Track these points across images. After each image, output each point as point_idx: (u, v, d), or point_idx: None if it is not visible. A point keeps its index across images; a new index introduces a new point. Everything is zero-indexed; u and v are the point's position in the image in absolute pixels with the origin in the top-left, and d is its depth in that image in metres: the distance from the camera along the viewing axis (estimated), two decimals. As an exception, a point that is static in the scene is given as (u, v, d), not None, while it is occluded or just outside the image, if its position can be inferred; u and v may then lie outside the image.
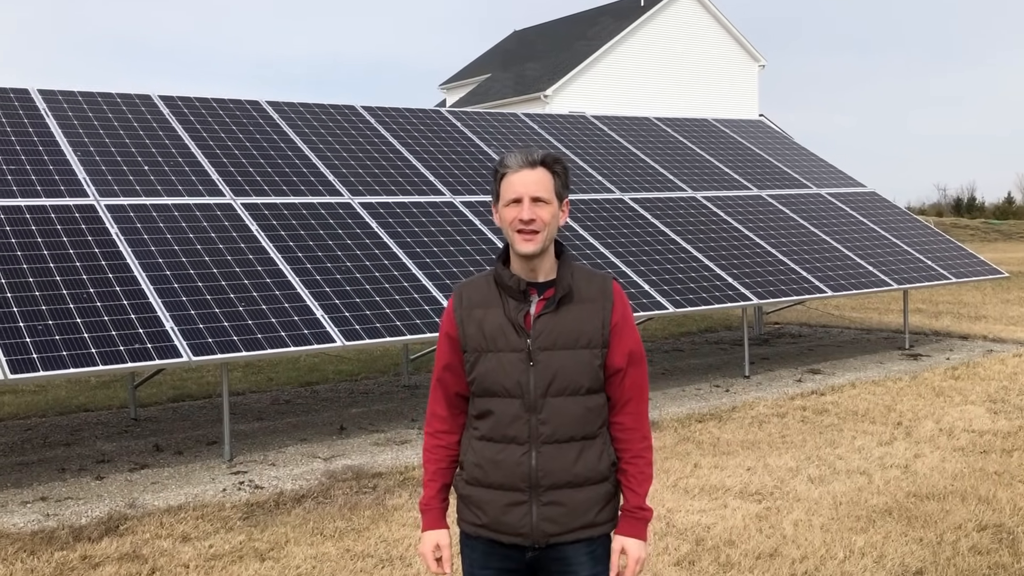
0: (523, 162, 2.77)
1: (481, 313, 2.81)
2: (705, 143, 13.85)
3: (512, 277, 2.79)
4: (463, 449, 2.89)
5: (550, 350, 2.76)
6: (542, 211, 2.75)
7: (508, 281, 2.79)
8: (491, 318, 2.80)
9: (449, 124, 12.06)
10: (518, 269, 2.82)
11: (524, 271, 2.81)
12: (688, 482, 6.67)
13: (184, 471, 7.32)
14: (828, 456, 7.32)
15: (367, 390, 10.46)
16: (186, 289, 7.69)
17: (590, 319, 2.80)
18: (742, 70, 37.62)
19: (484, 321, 2.80)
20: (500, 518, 2.78)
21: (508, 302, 2.80)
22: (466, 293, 2.87)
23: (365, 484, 6.84)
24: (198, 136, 9.97)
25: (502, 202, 2.79)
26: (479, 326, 2.80)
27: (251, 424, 8.89)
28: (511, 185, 2.77)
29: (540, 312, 2.79)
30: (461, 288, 2.89)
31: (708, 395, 9.71)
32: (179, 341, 7.13)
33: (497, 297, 2.82)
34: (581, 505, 2.78)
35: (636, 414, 2.87)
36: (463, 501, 2.87)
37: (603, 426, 2.84)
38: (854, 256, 11.66)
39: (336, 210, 9.42)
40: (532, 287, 2.81)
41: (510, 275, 2.80)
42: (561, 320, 2.78)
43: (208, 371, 11.60)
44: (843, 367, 11.10)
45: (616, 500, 2.87)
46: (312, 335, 7.61)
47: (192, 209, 8.75)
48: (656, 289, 9.65)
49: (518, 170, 2.77)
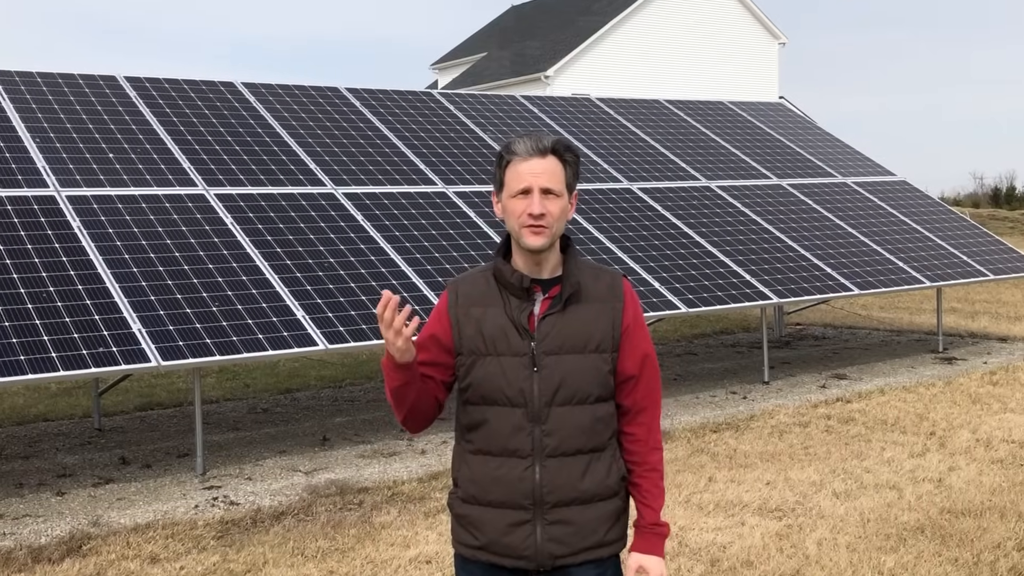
0: (532, 149, 2.73)
1: (480, 312, 2.78)
2: (720, 128, 13.85)
3: (514, 273, 2.76)
4: (455, 464, 2.86)
5: (556, 354, 2.75)
6: (552, 204, 2.72)
7: (510, 277, 2.76)
8: (491, 318, 2.77)
9: (441, 107, 12.06)
10: (521, 264, 2.78)
11: (528, 266, 2.78)
12: (702, 497, 6.68)
13: (153, 486, 7.31)
14: (855, 469, 7.32)
15: (352, 397, 10.46)
16: (155, 288, 7.69)
17: (599, 320, 2.78)
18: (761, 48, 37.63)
19: (483, 321, 2.77)
20: (501, 539, 2.76)
21: (509, 300, 2.77)
22: (462, 290, 2.83)
23: (350, 500, 6.83)
24: (168, 121, 9.96)
25: (507, 192, 2.75)
26: (478, 327, 2.77)
27: (226, 435, 8.89)
28: (519, 175, 2.72)
29: (545, 312, 2.76)
30: (456, 284, 2.85)
31: (724, 403, 9.72)
32: (147, 344, 7.13)
33: (497, 295, 2.79)
34: (589, 523, 2.77)
35: (649, 424, 2.86)
36: (459, 521, 2.84)
37: (612, 437, 2.83)
38: (883, 251, 11.66)
39: (318, 201, 9.42)
40: (536, 284, 2.78)
41: (512, 271, 2.77)
42: (568, 321, 2.76)
43: (179, 377, 11.60)
44: (871, 372, 11.11)
45: (626, 517, 2.87)
46: (292, 337, 7.60)
47: (161, 200, 8.75)
48: (667, 287, 9.66)
49: (527, 158, 2.73)
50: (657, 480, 2.86)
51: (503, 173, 2.77)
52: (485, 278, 2.83)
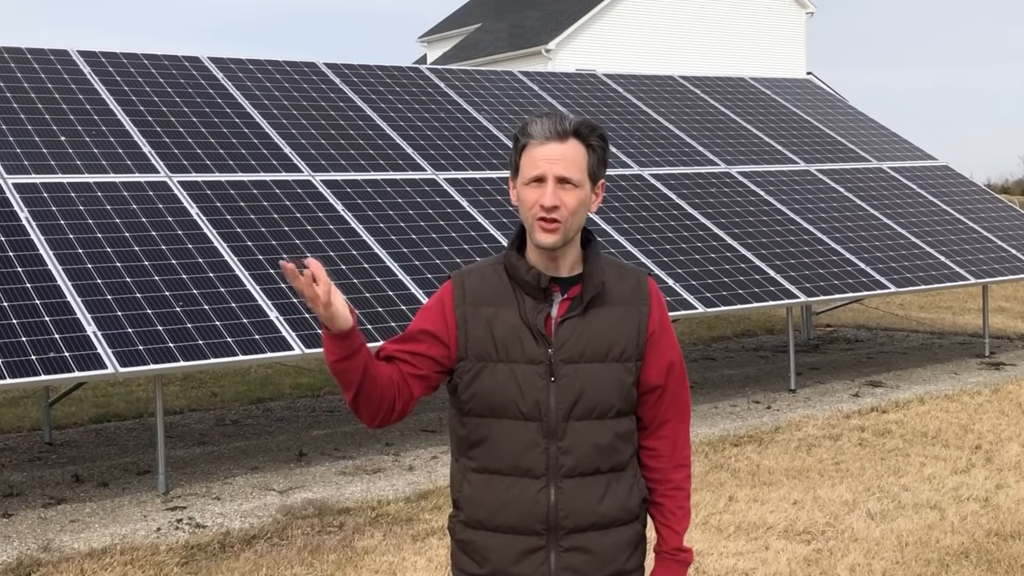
0: (550, 131, 2.68)
1: (491, 312, 2.74)
2: (742, 107, 13.85)
3: (530, 270, 2.72)
4: (456, 484, 2.83)
5: (576, 363, 2.72)
6: (569, 196, 2.67)
7: (526, 275, 2.72)
8: (503, 320, 2.73)
9: (431, 85, 12.06)
10: (536, 260, 2.74)
11: (543, 263, 2.74)
12: (722, 519, 6.68)
13: (110, 506, 7.31)
14: (891, 487, 7.32)
15: (332, 408, 10.46)
16: (111, 286, 7.68)
17: (623, 325, 2.76)
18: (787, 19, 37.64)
19: (495, 323, 2.73)
20: (510, 568, 2.74)
21: (524, 301, 2.74)
22: (471, 284, 2.78)
23: (329, 522, 6.83)
24: (126, 100, 9.96)
25: (521, 179, 2.71)
26: (488, 328, 2.73)
27: (191, 449, 8.89)
28: (533, 160, 2.68)
29: (564, 315, 2.73)
30: (463, 277, 2.80)
31: (746, 413, 9.72)
32: (103, 349, 7.12)
33: (511, 293, 2.75)
34: (608, 550, 2.75)
35: (674, 438, 2.85)
36: (461, 547, 2.82)
37: (633, 455, 2.82)
38: (923, 244, 11.67)
39: (293, 189, 9.41)
40: (554, 283, 2.74)
41: (527, 267, 2.73)
42: (589, 326, 2.74)
43: (138, 385, 11.60)
44: (909, 379, 11.11)
45: (646, 542, 2.86)
46: (265, 341, 7.60)
47: (119, 189, 8.74)
48: (683, 285, 9.66)
49: (543, 142, 2.68)
50: (682, 500, 2.84)
51: (518, 157, 2.72)
52: (496, 273, 2.78)
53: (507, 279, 2.77)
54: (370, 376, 2.70)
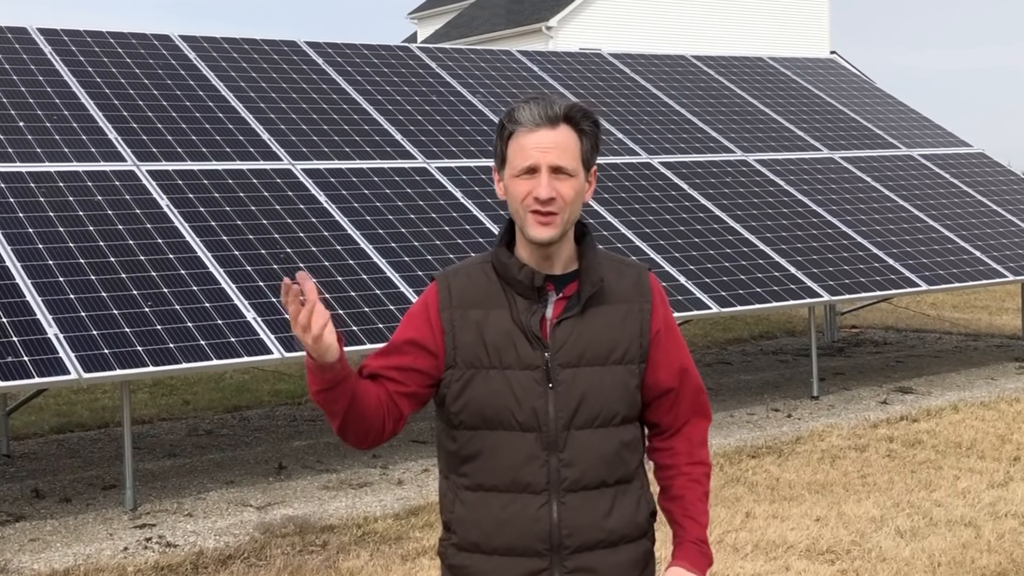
0: (540, 117, 2.68)
1: (480, 315, 2.74)
2: (760, 89, 13.86)
3: (522, 268, 2.73)
4: (447, 504, 2.82)
5: (575, 367, 2.73)
6: (564, 186, 2.68)
7: (517, 274, 2.72)
8: (494, 323, 2.73)
9: (421, 65, 12.05)
10: (528, 257, 2.75)
11: (536, 260, 2.74)
12: (738, 537, 6.68)
13: (73, 524, 7.30)
14: (923, 502, 7.33)
15: (314, 417, 10.46)
16: (75, 285, 7.68)
17: (625, 325, 2.77)
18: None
19: (485, 326, 2.73)
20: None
21: (516, 301, 2.74)
22: (457, 285, 2.78)
23: (311, 541, 6.83)
24: (91, 83, 9.95)
25: (510, 170, 2.71)
26: (478, 333, 2.73)
27: (161, 462, 8.88)
28: (523, 149, 2.68)
29: (560, 316, 2.74)
30: (448, 277, 2.80)
31: (764, 422, 9.73)
32: (65, 352, 7.12)
33: (501, 294, 2.75)
34: (616, 570, 2.76)
35: (692, 437, 2.87)
36: (454, 573, 2.81)
37: (640, 466, 2.82)
38: (956, 238, 11.67)
39: (272, 179, 9.41)
40: (548, 282, 2.75)
41: (519, 265, 2.73)
42: (588, 326, 2.74)
43: (104, 392, 11.59)
44: (942, 384, 11.12)
45: (655, 561, 2.87)
46: (241, 344, 7.60)
47: (82, 178, 8.73)
48: (696, 283, 9.66)
49: (533, 129, 2.68)
50: (703, 496, 2.84)
51: (505, 146, 2.72)
52: (483, 272, 2.79)
53: (496, 279, 2.77)
54: (357, 402, 2.68)
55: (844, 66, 15.82)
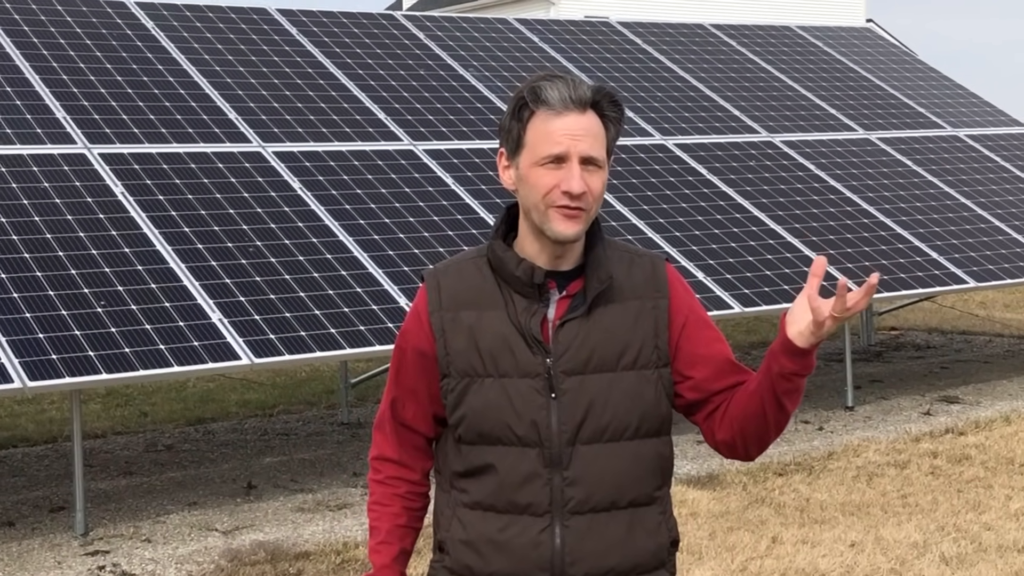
0: (570, 99, 2.65)
1: (473, 317, 2.74)
2: (787, 63, 13.85)
3: (521, 264, 2.71)
4: (443, 522, 2.83)
5: (580, 374, 2.72)
6: (594, 179, 2.67)
7: (515, 269, 2.71)
8: (489, 325, 2.73)
9: (407, 35, 12.04)
10: (532, 252, 2.73)
11: (548, 257, 2.72)
12: (763, 564, 6.67)
13: (17, 551, 7.29)
14: (970, 525, 7.32)
15: (287, 430, 10.45)
16: (18, 282, 7.66)
17: (637, 325, 2.75)
18: (841, -45, 37.64)
19: (479, 330, 2.73)
20: None
21: (514, 300, 2.73)
22: (447, 284, 2.78)
23: (284, 570, 6.82)
24: (36, 55, 9.92)
25: (530, 156, 2.67)
26: (471, 337, 2.73)
27: (116, 481, 8.88)
28: (550, 135, 2.65)
29: (563, 316, 2.73)
30: (438, 275, 2.80)
31: (792, 436, 9.72)
32: (8, 359, 7.10)
33: (496, 292, 2.74)
34: None
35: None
36: None
37: (662, 487, 2.81)
38: (1008, 229, 11.66)
39: (240, 163, 9.40)
40: (550, 278, 2.73)
41: (517, 260, 2.72)
42: (595, 328, 2.73)
43: (51, 402, 11.58)
44: (992, 393, 11.11)
45: None
46: (205, 348, 7.58)
47: (27, 163, 8.71)
48: (716, 280, 9.65)
49: (561, 112, 2.65)
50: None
51: (524, 128, 2.68)
52: (477, 268, 2.77)
53: (491, 275, 2.76)
54: (414, 535, 2.94)
55: (882, 35, 15.82)
